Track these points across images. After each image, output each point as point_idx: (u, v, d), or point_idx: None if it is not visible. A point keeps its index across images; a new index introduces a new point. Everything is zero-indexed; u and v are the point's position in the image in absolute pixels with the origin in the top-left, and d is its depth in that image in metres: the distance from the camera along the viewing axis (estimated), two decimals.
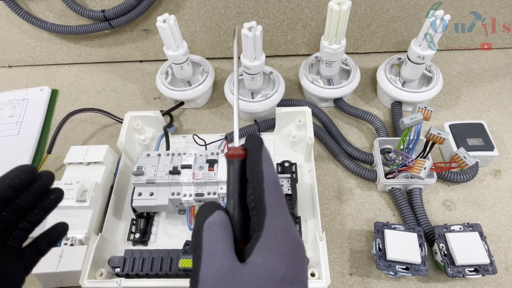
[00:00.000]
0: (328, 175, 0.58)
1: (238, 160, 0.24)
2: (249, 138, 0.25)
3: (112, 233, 0.51)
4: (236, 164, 0.24)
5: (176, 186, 0.49)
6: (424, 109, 0.49)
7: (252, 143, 0.24)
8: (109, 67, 0.77)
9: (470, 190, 0.55)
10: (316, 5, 0.65)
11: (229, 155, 0.25)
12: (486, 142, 0.55)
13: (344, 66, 0.65)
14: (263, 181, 0.22)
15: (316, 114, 0.63)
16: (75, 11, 0.66)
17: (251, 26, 0.51)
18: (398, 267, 0.45)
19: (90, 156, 0.55)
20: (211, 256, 0.20)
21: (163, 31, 0.55)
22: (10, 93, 0.72)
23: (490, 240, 0.50)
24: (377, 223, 0.48)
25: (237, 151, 0.24)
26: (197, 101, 0.66)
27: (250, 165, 0.23)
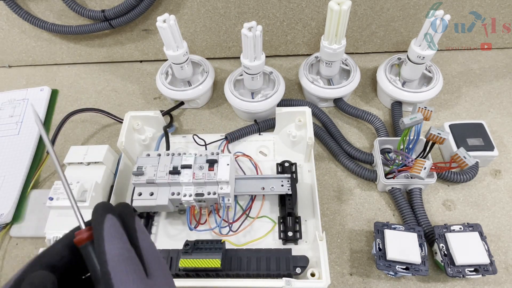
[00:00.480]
0: (328, 175, 0.58)
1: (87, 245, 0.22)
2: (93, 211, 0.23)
3: None
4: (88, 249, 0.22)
5: (176, 186, 0.49)
6: (424, 109, 0.49)
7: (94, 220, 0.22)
8: (109, 67, 0.77)
9: (470, 190, 0.55)
10: (316, 5, 0.65)
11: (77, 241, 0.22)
12: (486, 142, 0.55)
13: (344, 66, 0.65)
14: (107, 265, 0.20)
15: (316, 114, 0.63)
16: (75, 11, 0.66)
17: (251, 26, 0.51)
18: (398, 267, 0.45)
19: (90, 156, 0.55)
20: None
21: (163, 31, 0.55)
22: (10, 93, 0.72)
23: (490, 240, 0.50)
24: (377, 223, 0.48)
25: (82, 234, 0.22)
26: (197, 101, 0.66)
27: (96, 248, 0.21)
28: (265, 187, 0.51)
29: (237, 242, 0.50)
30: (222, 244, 0.46)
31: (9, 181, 0.59)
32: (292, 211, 0.50)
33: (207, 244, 0.46)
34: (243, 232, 0.51)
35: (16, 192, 0.57)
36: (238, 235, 0.51)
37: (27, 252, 0.53)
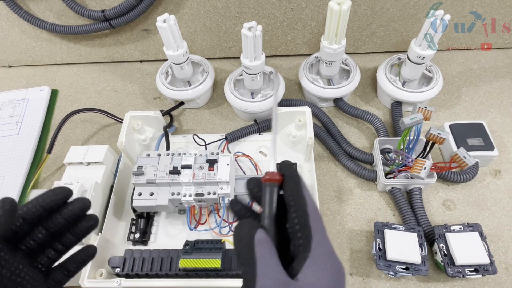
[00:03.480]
0: (328, 175, 0.58)
1: (275, 184, 0.26)
2: (284, 166, 0.27)
3: (112, 233, 0.51)
4: (273, 188, 0.25)
5: (176, 186, 0.49)
6: (424, 109, 0.49)
7: (290, 170, 0.26)
8: (109, 67, 0.77)
9: (470, 190, 0.55)
10: (316, 5, 0.65)
11: (266, 179, 0.26)
12: (486, 142, 0.55)
13: (344, 66, 0.65)
14: (307, 206, 0.24)
15: (316, 114, 0.63)
16: (75, 11, 0.66)
17: (251, 26, 0.51)
18: (398, 267, 0.45)
19: (90, 156, 0.55)
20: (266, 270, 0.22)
21: (163, 31, 0.55)
22: (10, 93, 0.72)
23: (490, 240, 0.50)
24: (377, 223, 0.48)
25: (274, 176, 0.26)
26: (197, 101, 0.66)
27: (292, 191, 0.25)
28: None
29: None
30: (222, 244, 0.46)
31: (9, 181, 0.59)
32: None
33: (207, 244, 0.46)
34: None
35: (16, 192, 0.57)
36: None
37: None
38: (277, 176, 0.26)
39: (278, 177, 0.26)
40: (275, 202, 0.25)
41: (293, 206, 0.24)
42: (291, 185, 0.25)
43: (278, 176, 0.26)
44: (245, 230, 0.24)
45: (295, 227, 0.23)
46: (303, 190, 0.25)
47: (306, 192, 0.25)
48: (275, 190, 0.26)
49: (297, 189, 0.25)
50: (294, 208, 0.24)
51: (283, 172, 0.26)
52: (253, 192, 0.27)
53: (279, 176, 0.26)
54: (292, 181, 0.26)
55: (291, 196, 0.25)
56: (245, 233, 0.23)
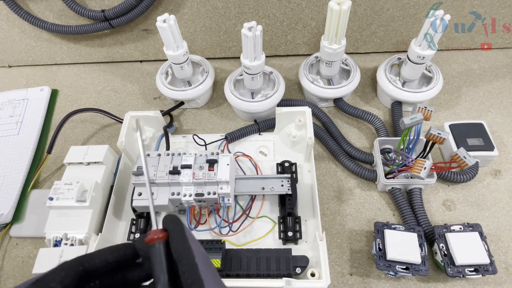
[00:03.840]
0: (328, 175, 0.58)
1: (161, 243, 0.25)
2: (166, 220, 0.26)
3: (112, 233, 0.51)
4: (160, 247, 0.24)
5: (176, 186, 0.49)
6: (424, 109, 0.49)
7: (172, 224, 0.25)
8: (109, 67, 0.77)
9: (470, 190, 0.55)
10: (316, 5, 0.65)
11: (150, 239, 0.25)
12: (486, 142, 0.55)
13: (344, 66, 0.65)
14: (194, 258, 0.23)
15: (316, 114, 0.63)
16: (75, 11, 0.66)
17: (251, 26, 0.51)
18: (398, 267, 0.45)
19: (90, 156, 0.55)
20: None
21: (163, 31, 0.55)
22: (10, 93, 0.72)
23: (490, 240, 0.50)
24: (377, 223, 0.48)
25: (157, 234, 0.25)
26: (197, 101, 0.66)
27: (177, 245, 0.24)
28: (265, 187, 0.51)
29: (237, 242, 0.50)
30: (222, 244, 0.46)
31: (9, 181, 0.59)
32: (292, 211, 0.50)
33: (207, 244, 0.46)
34: (243, 232, 0.51)
35: (16, 192, 0.57)
36: (238, 235, 0.51)
37: (27, 252, 0.53)
38: (160, 234, 0.25)
39: (160, 235, 0.25)
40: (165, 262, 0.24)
41: (180, 260, 0.23)
42: (176, 239, 0.24)
43: (160, 233, 0.25)
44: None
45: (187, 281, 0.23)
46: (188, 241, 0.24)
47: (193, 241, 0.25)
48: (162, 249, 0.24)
49: (182, 241, 0.24)
50: (182, 262, 0.23)
51: (166, 227, 0.26)
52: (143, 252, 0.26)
53: (162, 233, 0.25)
54: (175, 234, 0.25)
55: (177, 250, 0.24)
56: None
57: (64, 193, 0.50)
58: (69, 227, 0.49)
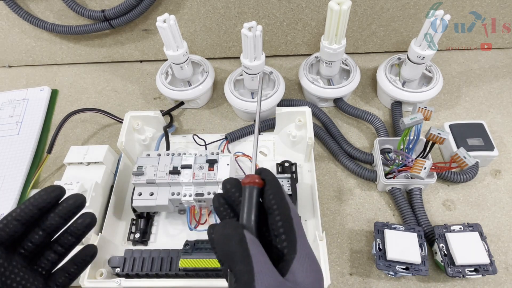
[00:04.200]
0: (328, 175, 0.58)
1: (255, 187, 0.26)
2: (264, 171, 0.27)
3: (112, 233, 0.51)
4: (254, 191, 0.26)
5: (176, 186, 0.49)
6: (424, 109, 0.49)
7: (270, 175, 0.27)
8: (109, 67, 0.77)
9: (470, 190, 0.55)
10: (316, 5, 0.65)
11: (247, 182, 0.26)
12: (486, 142, 0.55)
13: (344, 66, 0.65)
14: (290, 211, 0.25)
15: (316, 114, 0.63)
16: (75, 11, 0.66)
17: (251, 26, 0.51)
18: (398, 267, 0.45)
19: (90, 156, 0.55)
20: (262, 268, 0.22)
21: (163, 31, 0.55)
22: (10, 93, 0.72)
23: (490, 240, 0.50)
24: (377, 223, 0.48)
25: (254, 179, 0.26)
26: (197, 101, 0.66)
27: (274, 196, 0.25)
28: None
29: None
30: None
31: (9, 181, 0.59)
32: None
33: (207, 244, 0.46)
34: None
35: (16, 192, 0.57)
36: None
37: None
38: (257, 180, 0.26)
39: (259, 181, 0.26)
40: (255, 206, 0.25)
41: (276, 210, 0.25)
42: (273, 189, 0.26)
43: (258, 179, 0.26)
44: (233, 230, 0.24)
45: (279, 230, 0.24)
46: (285, 195, 0.26)
47: (287, 197, 0.26)
48: (256, 193, 0.26)
49: (280, 194, 0.25)
50: (278, 211, 0.25)
51: (263, 177, 0.27)
52: (230, 192, 0.27)
53: (259, 180, 0.26)
54: (274, 185, 0.26)
55: (273, 200, 0.25)
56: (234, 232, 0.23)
57: None
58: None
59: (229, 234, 0.23)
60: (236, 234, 0.23)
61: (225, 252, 0.23)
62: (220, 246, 0.24)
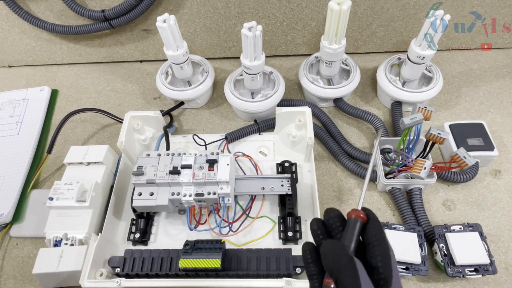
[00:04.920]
0: (328, 175, 0.58)
1: (359, 221, 0.28)
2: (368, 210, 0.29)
3: (112, 233, 0.51)
4: (358, 223, 0.28)
5: (176, 186, 0.49)
6: (424, 109, 0.49)
7: (374, 215, 0.29)
8: (109, 67, 0.77)
9: (470, 190, 0.55)
10: (316, 5, 0.65)
11: (353, 214, 0.28)
12: (486, 142, 0.55)
13: (344, 66, 0.65)
14: (390, 250, 0.27)
15: (316, 114, 0.63)
16: (75, 11, 0.66)
17: (251, 26, 0.51)
18: (398, 267, 0.45)
19: (90, 156, 0.55)
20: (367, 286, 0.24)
21: (163, 31, 0.55)
22: (10, 93, 0.72)
23: (490, 240, 0.50)
24: None
25: (360, 214, 0.28)
26: (197, 101, 0.66)
27: (377, 233, 0.27)
28: (265, 187, 0.51)
29: (237, 242, 0.50)
30: (222, 244, 0.46)
31: (9, 181, 0.59)
32: (292, 211, 0.50)
33: (207, 244, 0.46)
34: (243, 232, 0.51)
35: (16, 192, 0.57)
36: (238, 235, 0.51)
37: (27, 252, 0.53)
38: (362, 215, 0.28)
39: (363, 216, 0.28)
40: (357, 237, 0.27)
41: (377, 245, 0.27)
42: (377, 227, 0.28)
43: (363, 215, 0.28)
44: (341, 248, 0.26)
45: (378, 264, 0.26)
46: (386, 236, 0.28)
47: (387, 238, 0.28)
48: (359, 226, 0.28)
49: (382, 233, 0.27)
50: (378, 247, 0.27)
51: (368, 214, 0.29)
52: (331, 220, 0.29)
53: (364, 215, 0.28)
54: (377, 224, 0.28)
55: (375, 237, 0.27)
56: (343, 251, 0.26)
57: (64, 193, 0.50)
58: (69, 227, 0.49)
59: (339, 250, 0.26)
60: (345, 253, 0.26)
61: (336, 265, 0.25)
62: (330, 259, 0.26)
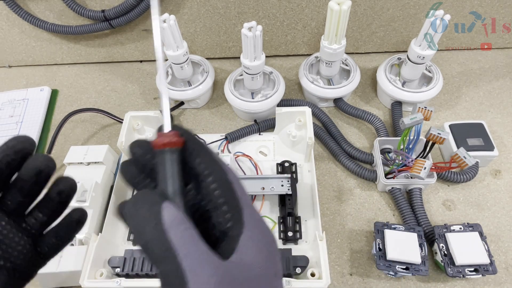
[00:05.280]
0: (328, 175, 0.58)
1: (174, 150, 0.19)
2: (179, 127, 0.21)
3: (112, 233, 0.51)
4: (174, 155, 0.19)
5: None
6: (424, 109, 0.49)
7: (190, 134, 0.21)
8: (109, 67, 0.77)
9: (470, 190, 0.55)
10: (316, 5, 0.65)
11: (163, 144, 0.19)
12: (486, 142, 0.55)
13: (344, 66, 0.65)
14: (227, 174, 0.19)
15: (316, 114, 0.63)
16: (75, 11, 0.66)
17: (251, 26, 0.51)
18: (398, 267, 0.45)
19: (90, 156, 0.55)
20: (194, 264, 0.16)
21: (163, 31, 0.55)
22: (10, 93, 0.72)
23: (490, 240, 0.50)
24: (377, 223, 0.48)
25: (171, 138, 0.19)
26: (197, 101, 0.66)
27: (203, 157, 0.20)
28: (265, 187, 0.51)
29: None
30: None
31: None
32: (292, 211, 0.50)
33: None
34: None
35: None
36: None
37: None
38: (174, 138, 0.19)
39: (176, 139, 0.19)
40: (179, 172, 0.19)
41: (208, 175, 0.19)
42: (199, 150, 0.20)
43: (176, 137, 0.19)
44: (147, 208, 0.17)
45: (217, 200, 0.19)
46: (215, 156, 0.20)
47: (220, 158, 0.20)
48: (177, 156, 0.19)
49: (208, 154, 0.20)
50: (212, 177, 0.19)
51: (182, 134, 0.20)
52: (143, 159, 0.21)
53: (177, 138, 0.20)
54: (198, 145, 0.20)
55: (202, 163, 0.20)
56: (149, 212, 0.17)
57: None
58: None
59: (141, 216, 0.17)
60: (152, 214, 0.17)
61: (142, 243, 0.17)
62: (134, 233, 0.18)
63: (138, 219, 0.17)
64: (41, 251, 0.26)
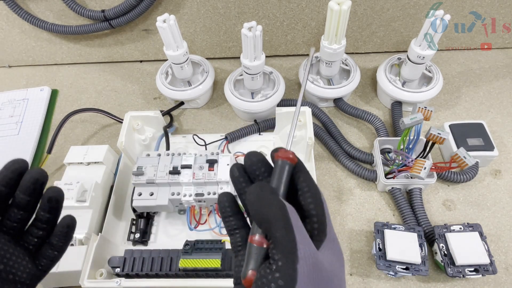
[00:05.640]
0: (328, 175, 0.58)
1: (289, 163, 0.24)
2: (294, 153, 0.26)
3: (112, 233, 0.51)
4: (289, 167, 0.24)
5: (176, 186, 0.49)
6: (424, 109, 0.49)
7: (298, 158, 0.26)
8: (109, 67, 0.77)
9: (470, 190, 0.55)
10: (316, 5, 0.65)
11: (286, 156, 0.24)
12: (486, 142, 0.55)
13: (344, 66, 0.65)
14: (322, 195, 0.25)
15: (316, 114, 0.63)
16: (75, 11, 0.66)
17: (251, 26, 0.51)
18: (398, 267, 0.45)
19: (90, 156, 0.55)
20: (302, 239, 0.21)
21: (163, 31, 0.55)
22: (10, 93, 0.72)
23: (490, 240, 0.50)
24: (377, 223, 0.48)
25: (290, 154, 0.24)
26: (197, 101, 0.66)
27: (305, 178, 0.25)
28: None
29: None
30: (222, 244, 0.46)
31: None
32: None
33: (207, 244, 0.46)
34: None
35: None
36: None
37: None
38: (291, 156, 0.24)
39: (293, 157, 0.24)
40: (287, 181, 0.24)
41: (308, 192, 0.24)
42: (305, 172, 0.25)
43: (293, 156, 0.24)
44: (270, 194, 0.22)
45: (311, 212, 0.24)
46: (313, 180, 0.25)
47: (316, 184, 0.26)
48: (289, 169, 0.24)
49: (310, 177, 0.25)
50: (310, 194, 0.24)
51: None
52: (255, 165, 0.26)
53: (294, 156, 0.24)
54: (304, 168, 0.25)
55: (304, 182, 0.24)
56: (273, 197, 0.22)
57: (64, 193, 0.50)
58: None
59: (268, 198, 0.22)
60: (276, 199, 0.22)
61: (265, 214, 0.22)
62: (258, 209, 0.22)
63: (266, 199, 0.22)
64: (39, 263, 0.30)
